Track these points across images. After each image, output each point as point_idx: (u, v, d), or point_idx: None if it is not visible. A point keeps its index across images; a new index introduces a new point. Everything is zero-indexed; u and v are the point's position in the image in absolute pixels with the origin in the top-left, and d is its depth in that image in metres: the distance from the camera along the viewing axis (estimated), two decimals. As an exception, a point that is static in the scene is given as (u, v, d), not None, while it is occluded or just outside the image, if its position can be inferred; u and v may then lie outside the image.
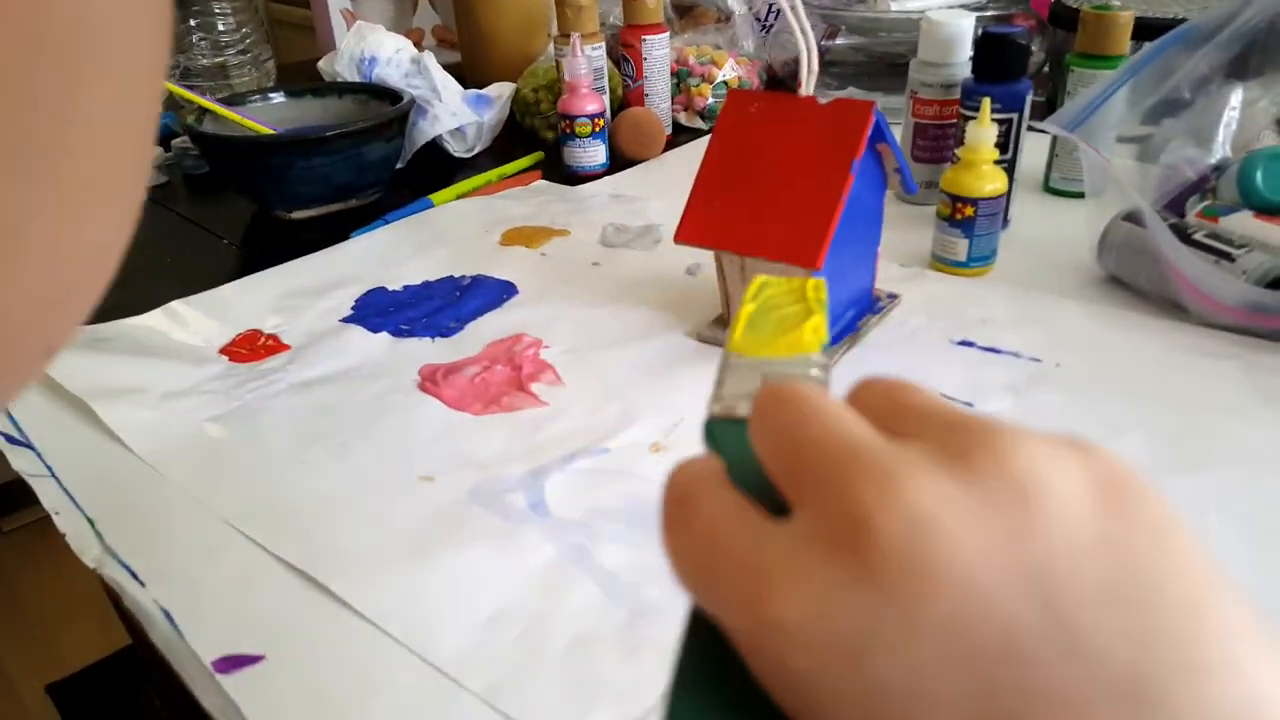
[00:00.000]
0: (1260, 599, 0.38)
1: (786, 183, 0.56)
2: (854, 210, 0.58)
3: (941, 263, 0.72)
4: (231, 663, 0.37)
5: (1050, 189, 0.87)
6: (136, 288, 0.74)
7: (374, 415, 0.56)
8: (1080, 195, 0.85)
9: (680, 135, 1.06)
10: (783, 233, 0.55)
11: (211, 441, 0.54)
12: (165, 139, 1.05)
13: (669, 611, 0.40)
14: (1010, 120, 0.76)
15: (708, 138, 0.60)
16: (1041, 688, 0.15)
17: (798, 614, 0.16)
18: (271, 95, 0.94)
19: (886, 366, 0.58)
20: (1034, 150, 0.85)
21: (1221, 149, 0.75)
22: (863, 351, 0.60)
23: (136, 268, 0.82)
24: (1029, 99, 0.76)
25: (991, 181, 0.68)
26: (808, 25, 0.54)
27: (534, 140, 1.06)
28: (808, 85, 0.57)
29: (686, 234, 0.59)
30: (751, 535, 0.17)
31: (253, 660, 0.38)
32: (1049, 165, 0.87)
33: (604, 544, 0.44)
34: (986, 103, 0.68)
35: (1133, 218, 0.67)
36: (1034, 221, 0.80)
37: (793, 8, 0.52)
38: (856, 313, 0.63)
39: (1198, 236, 0.64)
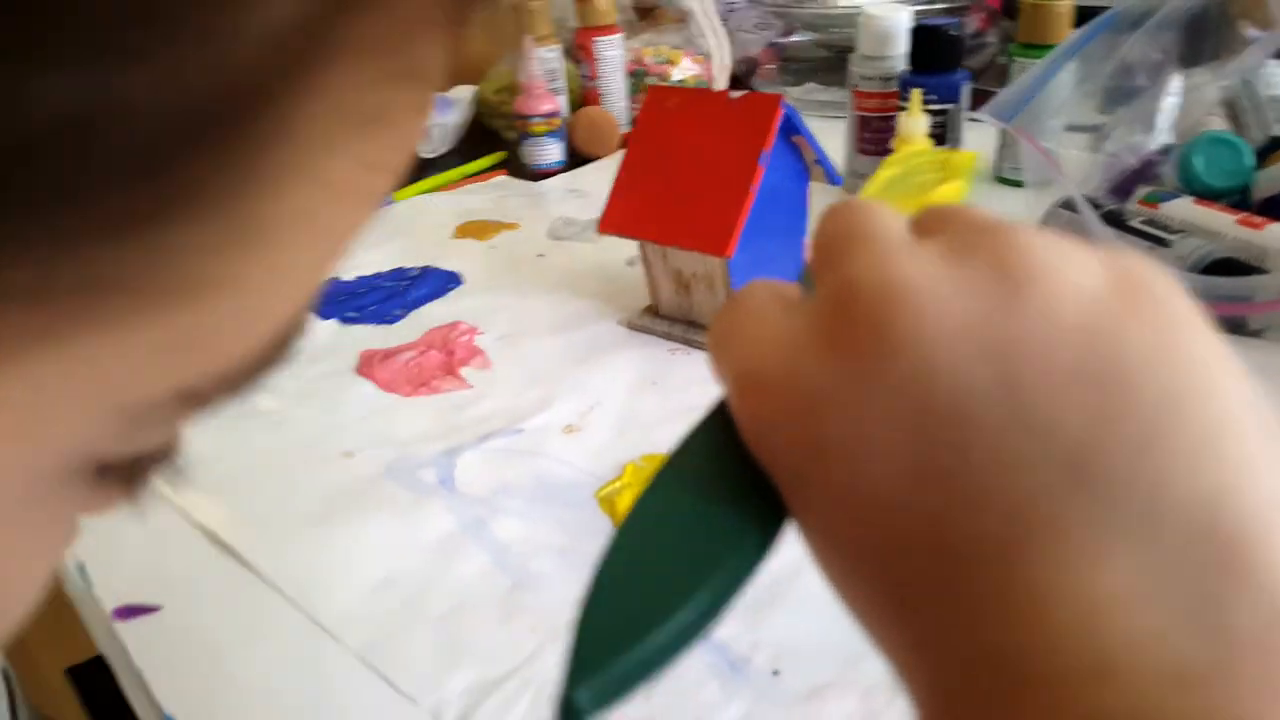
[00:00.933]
0: None
1: (702, 175, 0.58)
2: (773, 201, 0.60)
3: (877, 252, 0.73)
4: (129, 611, 0.40)
5: (1000, 179, 0.89)
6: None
7: (309, 394, 0.58)
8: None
9: (645, 132, 1.08)
10: (698, 222, 0.57)
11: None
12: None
13: (552, 581, 0.42)
14: (947, 111, 0.77)
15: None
16: (981, 448, 0.16)
17: (773, 368, 0.18)
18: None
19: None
20: (985, 141, 0.87)
21: (1165, 135, 0.77)
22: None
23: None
24: (965, 89, 0.77)
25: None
26: (718, 23, 0.56)
27: (498, 140, 1.09)
28: (719, 80, 0.59)
29: (609, 224, 0.61)
30: (773, 310, 0.19)
31: (149, 610, 0.40)
32: (999, 155, 0.89)
33: (502, 518, 0.47)
34: (916, 94, 0.70)
35: (1069, 204, 0.69)
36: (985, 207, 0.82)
37: (702, 7, 0.54)
38: (780, 299, 0.65)
39: (1134, 223, 0.66)
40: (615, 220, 0.61)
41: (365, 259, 0.78)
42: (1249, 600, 0.14)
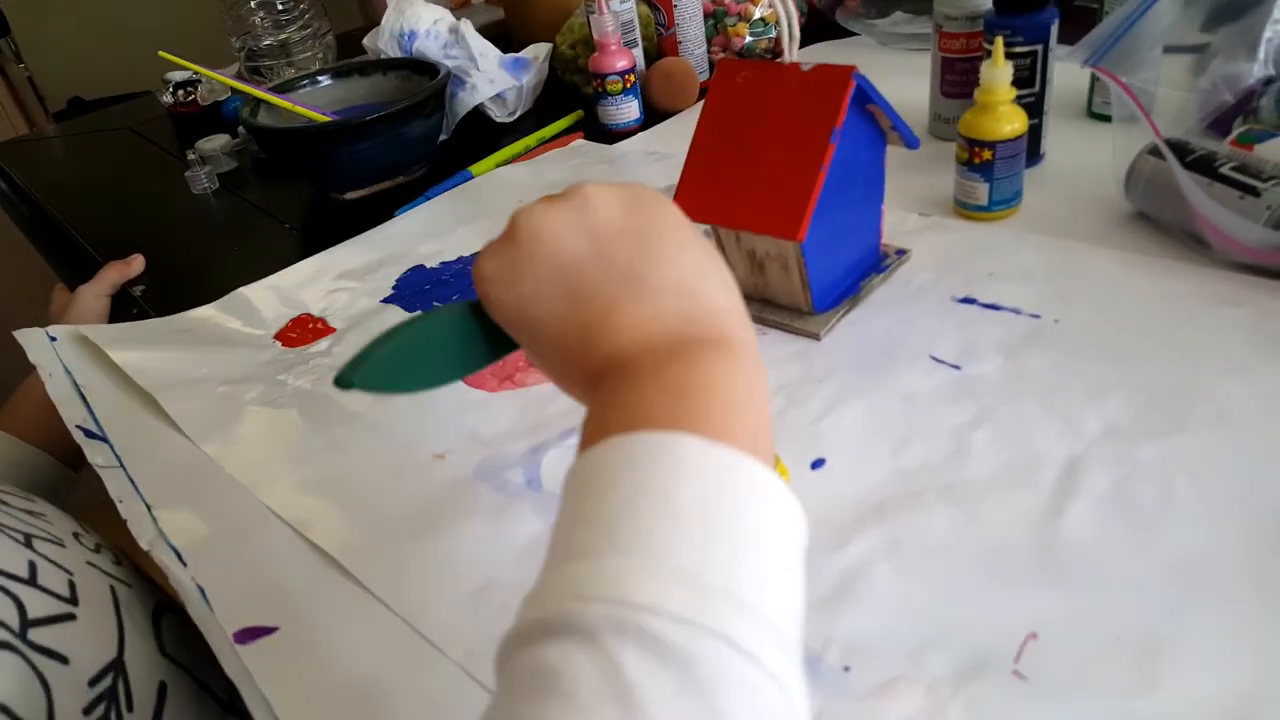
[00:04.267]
0: (1219, 566, 0.39)
1: (772, 153, 0.57)
2: (847, 174, 0.58)
3: (963, 208, 0.71)
4: (249, 634, 0.43)
5: (1093, 114, 0.84)
6: (211, 277, 0.82)
7: (397, 397, 0.61)
8: (1124, 120, 0.82)
9: (721, 80, 1.06)
10: (769, 204, 0.57)
11: (260, 428, 0.60)
12: (235, 126, 1.12)
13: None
14: (1035, 52, 0.73)
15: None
16: (590, 278, 0.33)
17: (486, 267, 0.35)
18: (320, 79, 0.98)
19: (882, 327, 0.59)
20: (1078, 74, 0.82)
21: (1264, 66, 0.71)
22: (861, 313, 0.61)
23: (212, 257, 0.90)
24: (1054, 28, 0.73)
25: (1010, 122, 0.67)
26: (785, -10, 0.55)
27: (576, 97, 1.08)
28: (790, 52, 0.57)
29: (680, 208, 0.60)
30: (494, 246, 0.36)
31: (268, 631, 0.44)
32: (1091, 89, 0.84)
33: (587, 518, 0.48)
34: (999, 42, 0.66)
35: (1158, 151, 0.65)
36: (1069, 153, 0.78)
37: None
38: (860, 273, 0.64)
39: (1224, 170, 0.62)
40: (686, 205, 0.60)
41: (448, 243, 0.80)
42: (704, 308, 0.33)
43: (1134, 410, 0.49)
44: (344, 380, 0.34)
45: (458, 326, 0.36)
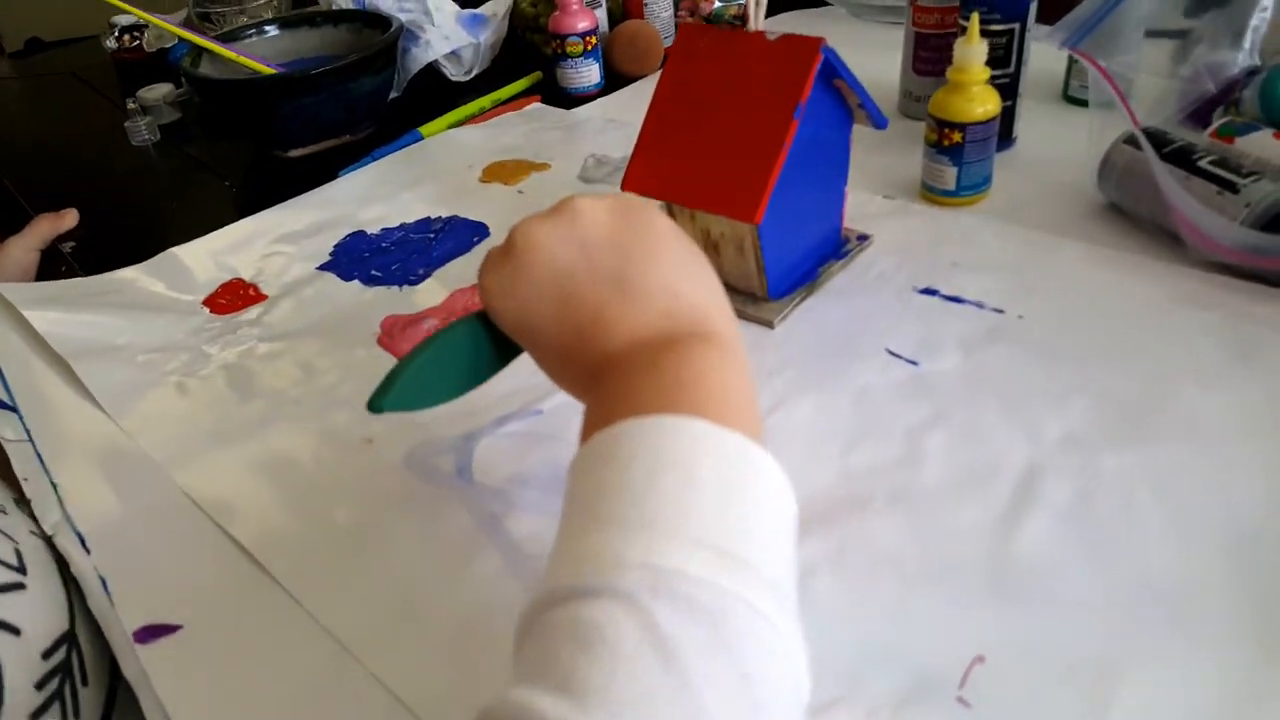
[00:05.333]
0: (1180, 588, 0.37)
1: (732, 128, 0.54)
2: (811, 152, 0.55)
3: (930, 192, 0.68)
4: (150, 632, 0.40)
5: (1069, 98, 0.81)
6: (146, 234, 0.77)
7: (331, 375, 0.57)
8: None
9: (689, 46, 1.02)
10: (726, 183, 0.53)
11: (180, 402, 0.56)
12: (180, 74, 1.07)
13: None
14: (1011, 31, 0.70)
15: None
16: (582, 284, 0.36)
17: (488, 281, 0.38)
18: (267, 28, 0.93)
19: (838, 316, 0.57)
20: (1056, 55, 0.79)
21: (1249, 55, 0.69)
22: (818, 300, 0.58)
23: (148, 213, 0.85)
24: (1033, 6, 0.70)
25: (982, 104, 0.64)
26: (748, -43, 0.51)
27: (536, 57, 1.03)
28: (755, 19, 0.54)
29: (632, 182, 0.57)
30: (493, 257, 0.39)
31: (171, 630, 0.40)
32: (1068, 72, 0.81)
33: (517, 513, 0.45)
34: (974, 19, 0.63)
35: (1135, 141, 0.63)
36: (1043, 138, 0.75)
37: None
38: (818, 258, 0.61)
39: (1203, 163, 0.59)
40: (639, 179, 0.57)
41: (392, 208, 0.76)
42: (687, 305, 0.35)
43: (1097, 417, 0.47)
44: (375, 406, 0.37)
45: (469, 339, 0.40)
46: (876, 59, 0.87)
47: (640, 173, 0.57)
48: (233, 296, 0.66)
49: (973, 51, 0.63)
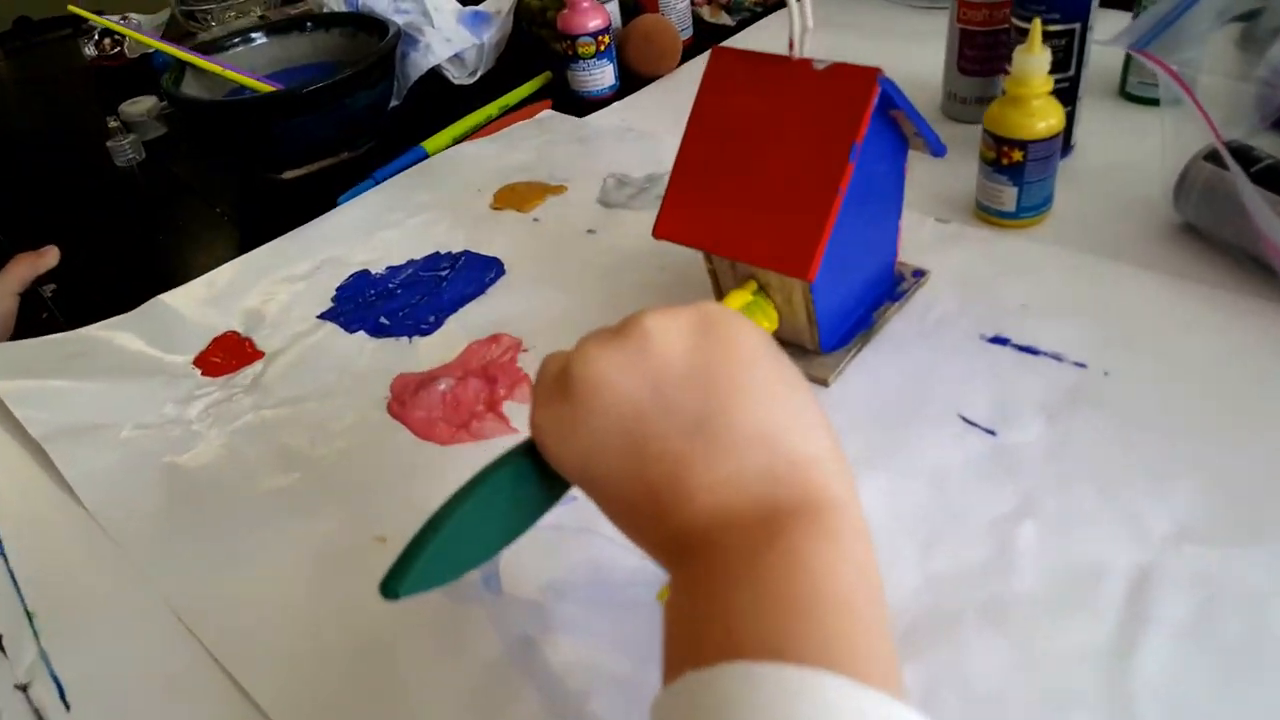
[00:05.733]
0: None
1: (777, 168, 0.48)
2: (864, 190, 0.49)
3: (987, 213, 0.62)
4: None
5: (1128, 95, 0.75)
6: (129, 270, 0.72)
7: (338, 455, 0.52)
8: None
9: (704, 38, 0.95)
10: (773, 233, 0.47)
11: (169, 494, 0.51)
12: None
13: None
14: (1072, 31, 0.63)
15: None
16: (654, 432, 0.29)
17: (541, 419, 0.32)
18: (254, 36, 0.86)
19: (899, 372, 0.51)
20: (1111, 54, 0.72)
21: (1341, 50, 0.62)
22: (874, 352, 0.53)
23: (131, 245, 0.79)
24: (1093, 6, 0.63)
25: (1044, 118, 0.58)
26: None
27: (544, 54, 0.96)
28: (800, 46, 0.47)
29: (666, 228, 0.51)
30: (543, 388, 0.33)
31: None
32: (1125, 68, 0.74)
33: (555, 635, 0.40)
34: (1037, 25, 0.56)
35: (1217, 157, 0.56)
36: (1103, 144, 0.69)
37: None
38: (872, 301, 0.55)
39: (1296, 181, 0.53)
40: (673, 224, 0.51)
41: (398, 241, 0.70)
42: (789, 461, 0.29)
43: (1209, 506, 0.41)
44: (390, 592, 0.30)
45: (511, 482, 0.33)
46: (914, 52, 0.80)
47: (674, 216, 0.51)
48: (226, 354, 0.61)
49: (1034, 61, 0.57)
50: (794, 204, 0.47)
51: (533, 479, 0.33)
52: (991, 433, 0.46)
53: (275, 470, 0.51)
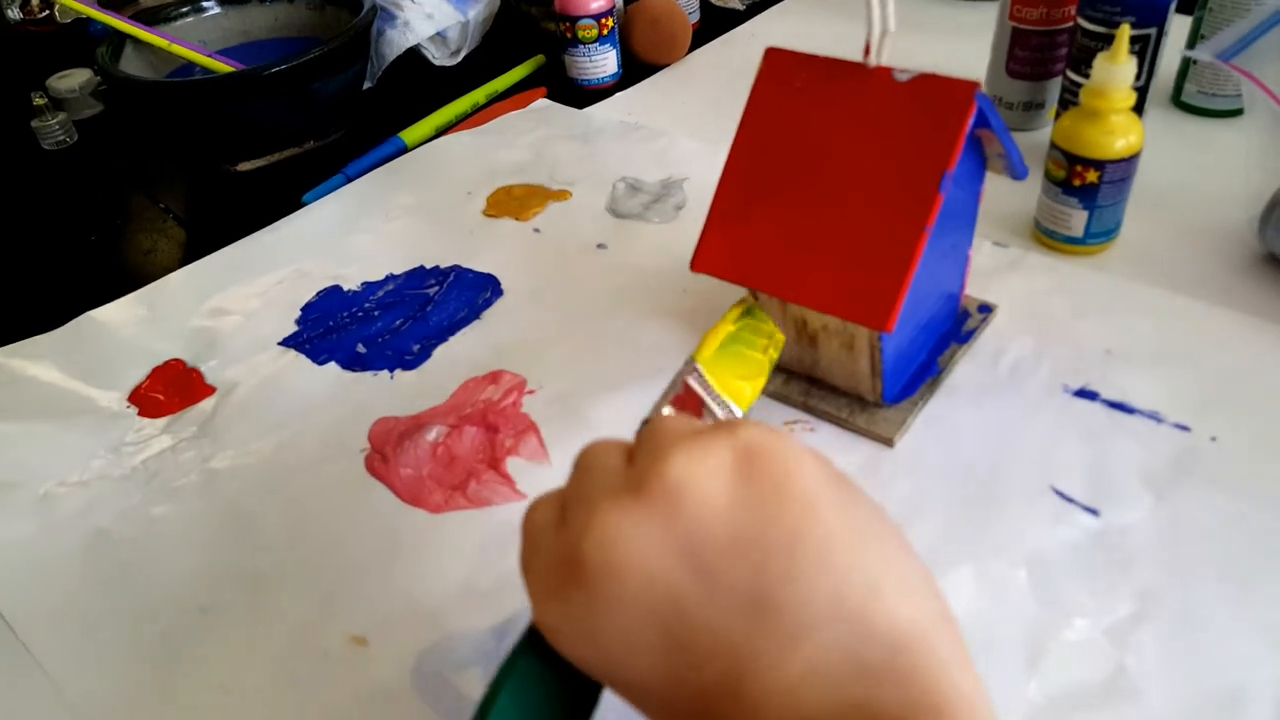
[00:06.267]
0: None
1: (845, 197, 0.40)
2: (943, 220, 0.41)
3: (1049, 237, 0.55)
4: None
5: (1182, 104, 0.68)
6: (56, 279, 0.62)
7: (304, 525, 0.43)
8: (1224, 114, 0.66)
9: (712, 24, 0.87)
10: (839, 273, 0.40)
11: (97, 575, 0.41)
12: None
13: None
14: (1147, 37, 0.57)
15: (748, 37, 0.43)
16: (697, 622, 0.23)
17: (550, 618, 0.25)
18: (205, 4, 0.76)
19: (974, 428, 0.44)
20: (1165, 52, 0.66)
21: None
22: (942, 404, 0.45)
23: (59, 248, 0.67)
24: (1172, 8, 0.56)
25: (1124, 135, 0.51)
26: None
27: (536, 34, 0.87)
28: (878, 53, 0.40)
29: (706, 262, 0.43)
30: (542, 571, 0.26)
31: None
32: (1181, 74, 0.68)
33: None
34: (1125, 31, 0.49)
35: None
36: (1164, 159, 0.62)
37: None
38: (937, 343, 0.48)
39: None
40: (715, 256, 0.43)
41: (375, 252, 0.61)
42: (886, 643, 0.21)
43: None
44: None
45: (526, 694, 0.26)
46: (955, 46, 0.73)
47: (716, 246, 0.43)
48: (169, 390, 0.51)
49: (1119, 72, 0.50)
50: (866, 240, 0.39)
51: (556, 677, 0.26)
52: (1093, 511, 0.39)
53: (227, 544, 0.42)
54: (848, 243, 0.40)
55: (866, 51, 0.40)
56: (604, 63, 0.77)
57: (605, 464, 0.26)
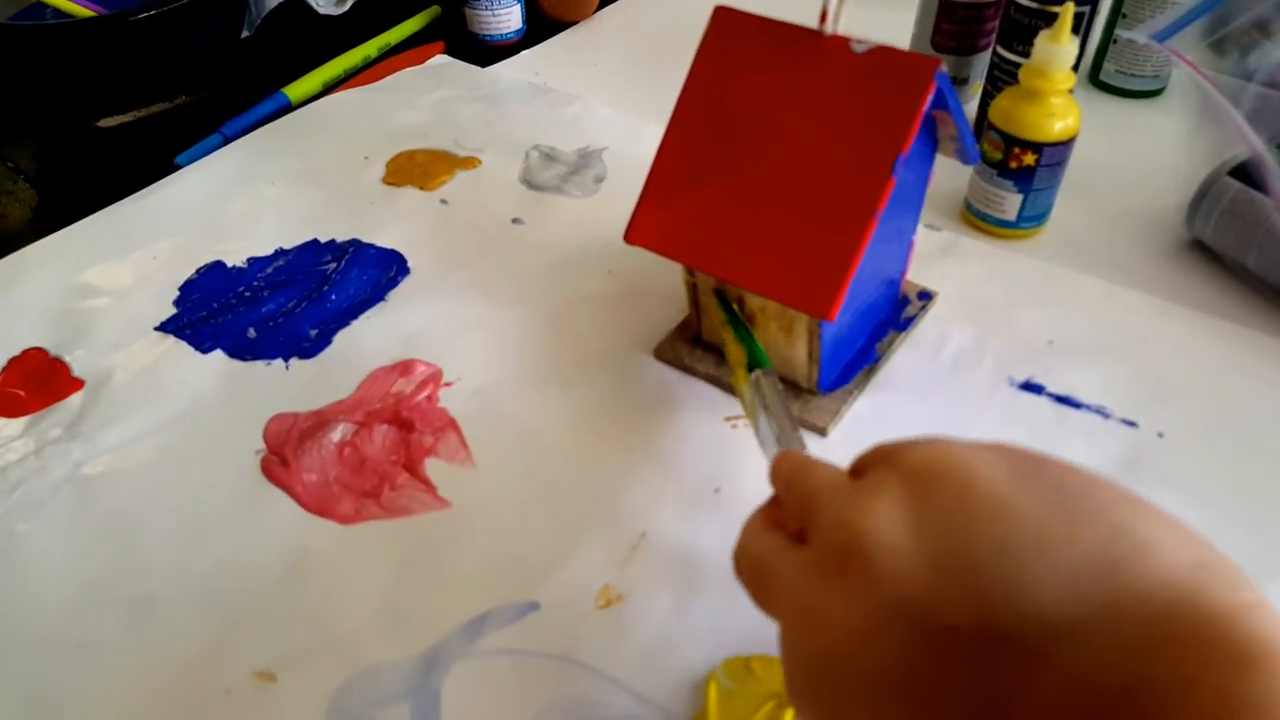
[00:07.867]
0: None
1: (792, 173, 0.37)
2: (891, 204, 0.39)
3: (980, 219, 0.54)
4: None
5: (1100, 83, 0.68)
6: None
7: (196, 542, 0.38)
8: (1143, 95, 0.66)
9: (624, -19, 0.82)
10: (782, 255, 0.37)
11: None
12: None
13: None
14: (1082, 15, 0.55)
15: None
16: (929, 686, 0.20)
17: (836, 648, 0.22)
18: (57, -64, 0.67)
19: (914, 420, 0.42)
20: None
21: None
22: (880, 394, 0.43)
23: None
24: (1108, -18, 0.55)
25: (1063, 118, 0.50)
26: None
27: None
28: (835, 19, 0.37)
29: (643, 232, 0.40)
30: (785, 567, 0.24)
31: None
32: (1100, 53, 0.68)
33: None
34: (1069, 9, 0.48)
35: (1245, 173, 0.50)
36: (1085, 138, 0.61)
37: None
38: (875, 328, 0.46)
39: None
40: (651, 228, 0.40)
41: (257, 221, 0.54)
42: (1170, 644, 0.18)
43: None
44: None
45: None
46: (874, 18, 0.70)
47: (653, 218, 0.40)
48: (29, 383, 0.45)
49: (1061, 52, 0.48)
50: (811, 221, 0.37)
51: None
52: (1046, 514, 0.38)
53: (105, 566, 0.37)
54: (791, 223, 0.37)
55: (823, 18, 0.37)
56: (508, 17, 0.72)
57: (759, 532, 0.26)
